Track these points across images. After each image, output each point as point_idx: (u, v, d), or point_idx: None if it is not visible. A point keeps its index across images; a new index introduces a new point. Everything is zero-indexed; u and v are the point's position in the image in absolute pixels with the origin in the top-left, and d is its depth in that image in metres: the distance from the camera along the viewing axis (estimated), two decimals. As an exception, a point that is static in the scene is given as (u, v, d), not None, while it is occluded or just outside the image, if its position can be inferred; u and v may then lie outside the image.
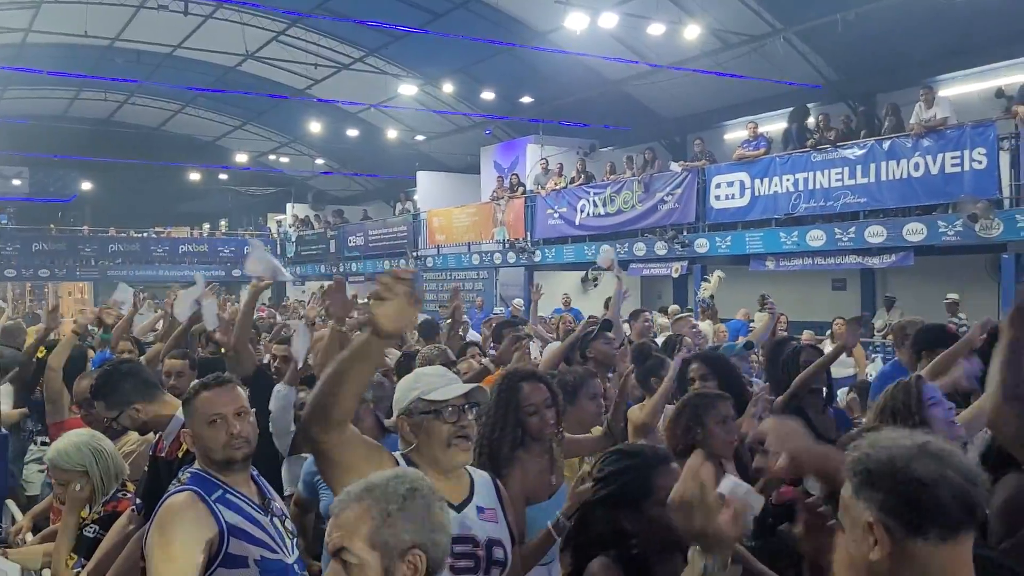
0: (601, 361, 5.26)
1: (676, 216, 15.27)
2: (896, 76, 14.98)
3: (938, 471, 1.47)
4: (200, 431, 2.65)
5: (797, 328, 11.69)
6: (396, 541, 1.65)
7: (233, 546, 2.47)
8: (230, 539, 2.47)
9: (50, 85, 25.58)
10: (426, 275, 22.27)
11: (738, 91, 17.38)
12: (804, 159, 13.34)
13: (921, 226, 11.84)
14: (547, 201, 18.30)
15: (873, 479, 1.50)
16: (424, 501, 1.71)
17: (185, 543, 2.41)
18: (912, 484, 1.47)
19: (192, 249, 30.18)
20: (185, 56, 23.59)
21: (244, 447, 2.62)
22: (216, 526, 2.46)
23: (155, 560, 2.44)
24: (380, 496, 1.69)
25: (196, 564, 2.41)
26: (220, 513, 2.50)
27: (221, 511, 2.50)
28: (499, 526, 2.47)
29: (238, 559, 2.46)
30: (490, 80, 20.77)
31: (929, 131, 11.72)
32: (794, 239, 13.44)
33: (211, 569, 2.44)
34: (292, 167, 32.07)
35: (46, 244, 28.03)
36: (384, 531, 1.65)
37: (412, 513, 1.68)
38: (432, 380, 2.50)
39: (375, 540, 1.65)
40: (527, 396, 3.38)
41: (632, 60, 17.71)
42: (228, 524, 2.49)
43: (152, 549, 2.46)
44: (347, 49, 21.93)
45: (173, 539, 2.42)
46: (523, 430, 3.36)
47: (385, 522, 1.66)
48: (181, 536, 2.42)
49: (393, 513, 1.66)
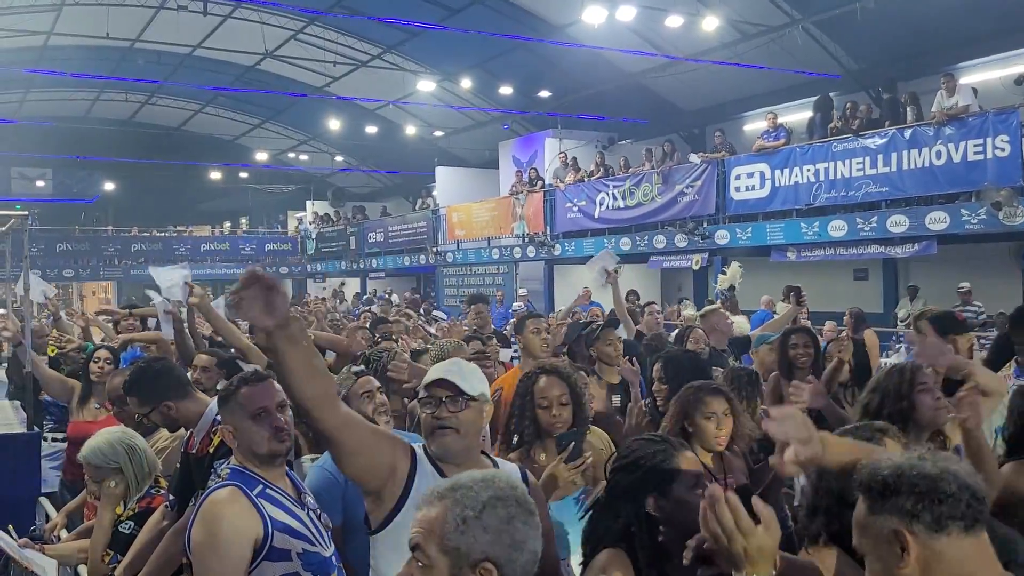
0: (604, 360, 5.25)
1: (696, 208, 15.24)
2: (916, 64, 14.86)
3: (943, 467, 1.58)
4: (243, 426, 2.66)
5: (819, 319, 11.63)
6: (468, 550, 1.58)
7: (277, 540, 2.50)
8: (274, 533, 2.50)
9: (72, 87, 25.85)
10: (446, 270, 22.33)
11: (757, 82, 17.29)
12: (825, 149, 13.27)
13: (944, 215, 11.75)
14: (566, 195, 18.31)
15: (889, 489, 1.58)
16: (506, 512, 1.61)
17: (231, 538, 2.45)
18: (926, 481, 1.56)
19: (214, 248, 30.41)
20: (205, 56, 23.77)
21: (288, 439, 2.67)
22: (260, 521, 2.50)
23: (201, 555, 2.47)
24: (460, 499, 1.62)
25: (244, 558, 2.44)
26: (263, 508, 2.53)
27: (264, 506, 2.54)
28: None
29: (282, 552, 2.49)
30: (508, 75, 20.78)
31: (951, 119, 11.62)
32: (815, 229, 13.37)
33: (255, 563, 2.47)
34: (311, 164, 32.22)
35: (70, 244, 28.33)
36: (457, 537, 1.58)
37: (489, 524, 1.59)
38: (431, 371, 2.54)
39: (447, 545, 1.58)
40: (541, 389, 3.42)
41: (650, 53, 17.65)
42: (271, 519, 2.52)
43: (198, 545, 2.49)
44: (365, 46, 21.99)
45: (219, 534, 2.45)
46: (536, 424, 3.40)
47: (459, 528, 1.59)
48: (227, 531, 2.45)
49: (469, 520, 1.59)
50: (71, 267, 27.84)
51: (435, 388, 2.46)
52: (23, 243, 6.24)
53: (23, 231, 6.27)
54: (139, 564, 3.16)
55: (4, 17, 19.17)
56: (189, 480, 3.12)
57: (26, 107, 27.51)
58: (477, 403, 2.48)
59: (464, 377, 2.48)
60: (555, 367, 3.61)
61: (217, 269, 29.32)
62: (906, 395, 3.14)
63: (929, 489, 1.55)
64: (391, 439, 2.44)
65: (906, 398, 3.13)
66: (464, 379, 2.47)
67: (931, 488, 1.55)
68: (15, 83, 24.49)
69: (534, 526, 1.65)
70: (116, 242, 29.24)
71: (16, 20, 19.43)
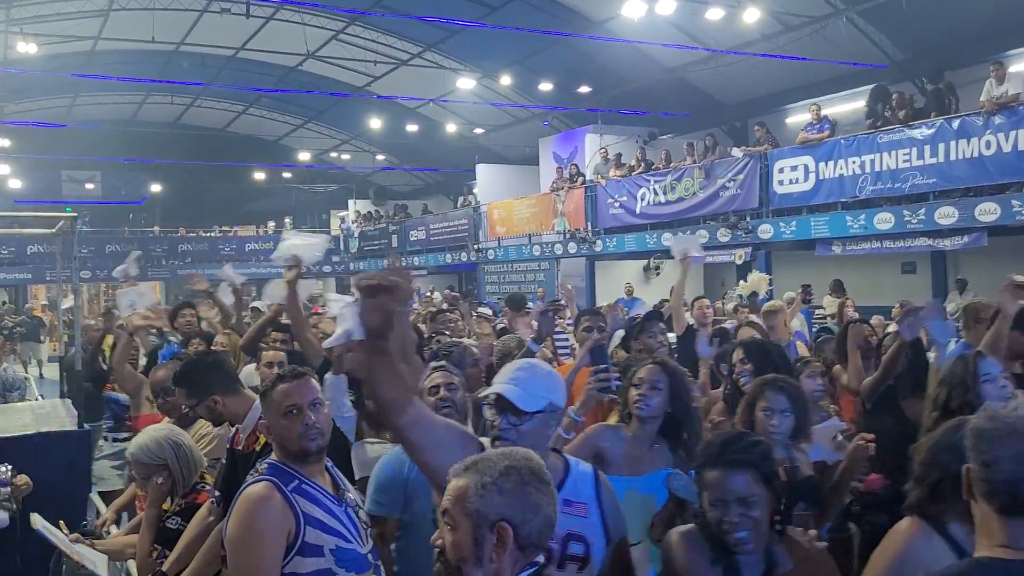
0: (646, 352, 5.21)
1: (739, 202, 15.07)
2: (964, 53, 14.53)
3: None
4: (276, 422, 2.71)
5: (866, 313, 11.43)
6: (486, 511, 1.77)
7: (309, 535, 2.52)
8: (306, 528, 2.53)
9: (120, 91, 26.34)
10: (487, 268, 22.35)
11: (800, 74, 17.05)
12: (870, 140, 13.03)
13: (994, 206, 11.48)
14: (607, 190, 18.22)
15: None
16: (519, 478, 1.80)
17: (264, 532, 2.48)
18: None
19: (258, 247, 30.74)
20: (248, 58, 24.09)
21: (318, 438, 2.68)
22: (293, 516, 2.53)
23: (235, 549, 2.52)
24: (481, 469, 1.82)
25: (275, 553, 2.48)
26: (297, 503, 2.56)
27: (298, 501, 2.56)
28: (587, 521, 2.46)
29: (314, 548, 2.52)
30: (547, 71, 20.73)
31: (1001, 108, 11.35)
32: (861, 222, 13.15)
33: (288, 557, 2.50)
34: (354, 164, 32.46)
35: (119, 245, 28.81)
36: (477, 501, 1.78)
37: (504, 487, 1.78)
38: (499, 375, 2.53)
39: (469, 508, 1.78)
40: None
41: (691, 46, 17.49)
42: (305, 514, 2.55)
43: (232, 539, 2.54)
44: (405, 45, 22.10)
45: (252, 528, 2.49)
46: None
47: (478, 492, 1.78)
48: (260, 525, 2.49)
49: (487, 485, 1.78)
50: (120, 268, 28.32)
51: (498, 397, 2.43)
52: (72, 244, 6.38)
53: (73, 233, 6.40)
54: (186, 559, 3.22)
55: (53, 23, 19.60)
56: (235, 476, 3.15)
57: (75, 111, 28.11)
58: (542, 415, 2.43)
59: (529, 387, 2.42)
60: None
61: (262, 268, 29.65)
62: (972, 385, 3.13)
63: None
64: (462, 437, 2.41)
65: (971, 389, 3.12)
66: (528, 390, 2.41)
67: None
68: (65, 88, 25.05)
69: (548, 494, 1.83)
70: (163, 243, 29.74)
71: (65, 26, 19.85)
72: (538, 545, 1.81)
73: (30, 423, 5.95)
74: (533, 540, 1.79)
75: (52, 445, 5.33)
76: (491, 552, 1.76)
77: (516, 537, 1.76)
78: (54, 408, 6.77)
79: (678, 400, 3.39)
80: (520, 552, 1.78)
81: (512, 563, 1.78)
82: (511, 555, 1.77)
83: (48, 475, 4.92)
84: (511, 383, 2.43)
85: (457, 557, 1.79)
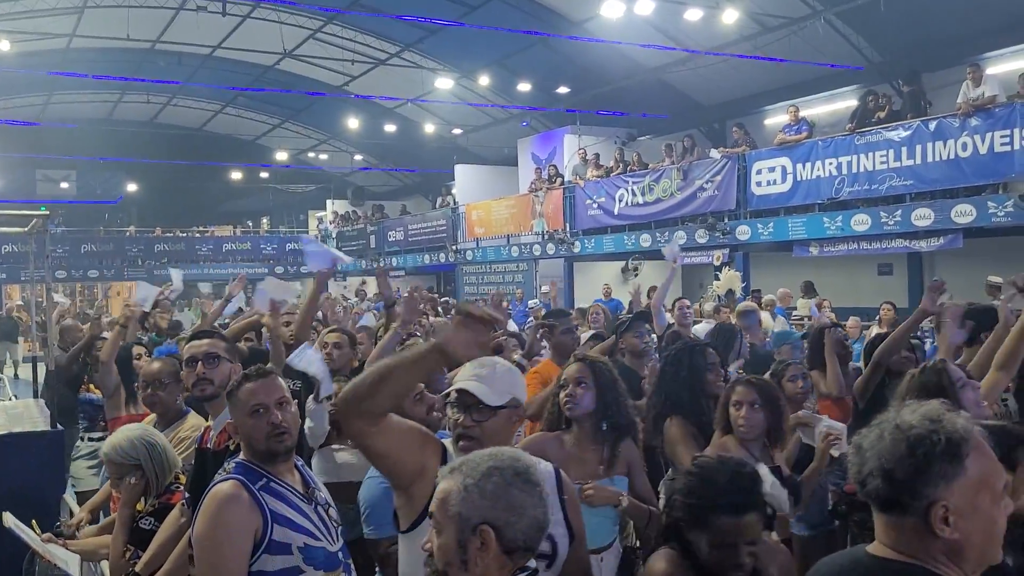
0: (632, 353, 5.22)
1: (716, 203, 15.12)
2: (941, 55, 14.67)
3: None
4: (243, 422, 2.68)
5: (843, 314, 11.53)
6: (468, 514, 1.73)
7: (277, 533, 2.50)
8: (274, 526, 2.50)
9: (95, 88, 26.12)
10: (466, 268, 22.32)
11: (778, 75, 17.15)
12: (847, 142, 13.12)
13: (970, 207, 11.59)
14: (586, 191, 18.24)
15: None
16: (502, 479, 1.75)
17: (230, 530, 2.46)
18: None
19: (236, 247, 30.58)
20: (224, 56, 23.93)
21: (286, 438, 2.64)
22: (260, 514, 2.50)
23: (201, 547, 2.49)
24: (465, 470, 1.77)
25: (242, 551, 2.45)
26: (264, 501, 2.53)
27: (265, 499, 2.54)
28: (553, 519, 2.43)
29: (282, 546, 2.49)
30: (526, 71, 20.73)
31: (977, 110, 11.46)
32: (838, 224, 13.23)
33: (256, 555, 2.47)
34: (331, 164, 32.34)
35: (94, 245, 28.59)
36: (459, 503, 1.73)
37: (486, 489, 1.73)
38: (460, 372, 2.49)
39: (451, 512, 1.74)
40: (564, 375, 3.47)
41: (669, 47, 17.55)
42: (272, 512, 2.52)
43: (198, 537, 2.51)
44: (383, 44, 22.04)
45: (218, 526, 2.46)
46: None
47: (460, 495, 1.74)
48: (226, 523, 2.46)
49: (469, 487, 1.74)
50: (96, 268, 28.11)
51: (462, 394, 2.39)
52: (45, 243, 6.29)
53: (45, 231, 6.31)
54: (158, 561, 3.17)
55: (27, 20, 19.36)
56: (204, 475, 3.11)
57: (50, 110, 27.82)
58: (506, 410, 2.40)
59: (492, 384, 2.38)
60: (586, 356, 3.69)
61: (239, 268, 29.47)
62: (951, 394, 3.09)
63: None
64: (422, 438, 2.39)
65: (952, 396, 3.07)
66: (491, 386, 2.38)
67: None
68: (39, 85, 24.77)
69: (534, 495, 1.77)
70: (140, 242, 29.49)
71: (39, 23, 19.62)
72: (525, 548, 1.76)
73: (2, 423, 5.87)
74: (519, 543, 1.74)
75: (24, 445, 5.26)
76: (475, 556, 1.72)
77: (500, 540, 1.72)
78: (27, 408, 6.68)
79: (607, 394, 3.39)
80: (507, 556, 1.73)
81: (498, 567, 1.73)
82: (496, 559, 1.72)
83: (21, 475, 4.85)
84: (474, 379, 2.39)
85: (444, 561, 1.75)
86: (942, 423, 1.60)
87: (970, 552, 1.59)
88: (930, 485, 1.56)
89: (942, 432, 1.58)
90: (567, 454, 3.30)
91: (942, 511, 1.56)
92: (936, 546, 1.58)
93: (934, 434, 1.58)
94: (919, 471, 1.57)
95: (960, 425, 1.60)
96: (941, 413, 1.62)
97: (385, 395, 2.17)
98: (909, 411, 1.64)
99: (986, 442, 1.62)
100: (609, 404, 3.37)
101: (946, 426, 1.59)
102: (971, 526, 1.57)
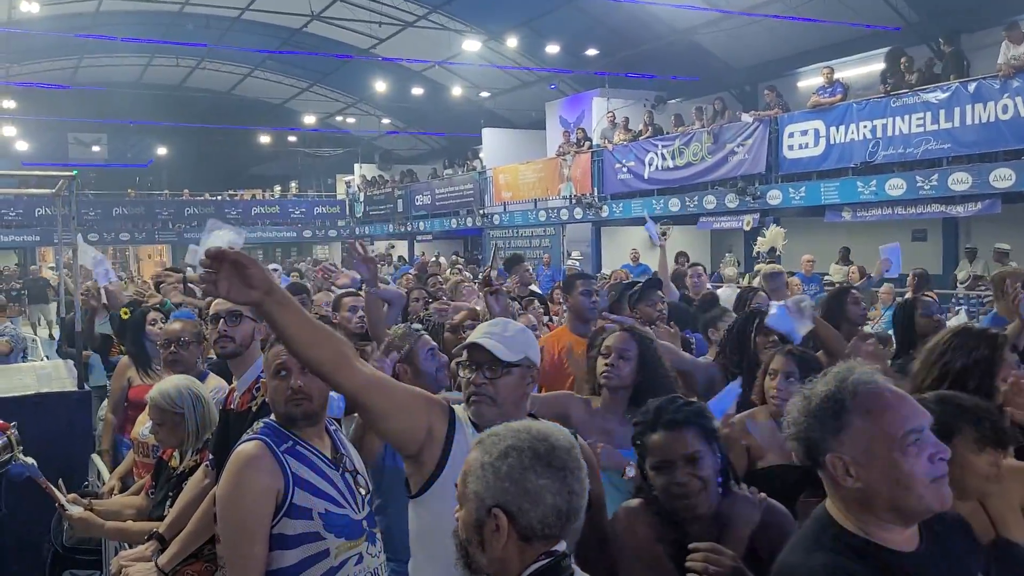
0: (645, 321, 5.15)
1: (747, 167, 14.89)
2: (980, 14, 14.26)
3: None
4: (269, 382, 2.67)
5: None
6: (484, 494, 1.63)
7: (298, 497, 2.47)
8: (295, 490, 2.47)
9: (124, 52, 26.17)
10: (493, 233, 22.25)
11: (812, 36, 16.77)
12: (883, 104, 12.81)
13: (1009, 171, 11.28)
14: (614, 155, 18.04)
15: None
16: (519, 462, 1.63)
17: (252, 490, 2.43)
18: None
19: (264, 211, 30.71)
20: (252, 19, 23.85)
21: (304, 403, 2.59)
22: (283, 476, 2.47)
23: (223, 507, 2.48)
24: (486, 446, 1.68)
25: (263, 512, 2.43)
26: (288, 464, 2.50)
27: (289, 462, 2.50)
28: None
29: (302, 510, 2.46)
30: (554, 33, 20.46)
31: (1018, 71, 11.12)
32: (872, 188, 12.97)
33: (277, 518, 2.45)
34: (359, 128, 32.29)
35: (125, 208, 28.83)
36: (476, 481, 1.65)
37: (502, 472, 1.62)
38: (474, 332, 2.44)
39: (470, 488, 1.65)
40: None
41: (701, 7, 17.21)
42: (295, 475, 2.49)
43: (221, 496, 2.50)
44: (411, 7, 21.85)
45: (240, 486, 2.44)
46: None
47: (478, 473, 1.65)
48: (248, 483, 2.44)
49: (486, 466, 1.64)
50: (127, 231, 28.38)
51: (474, 351, 2.34)
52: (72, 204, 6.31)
53: (71, 192, 6.33)
54: (182, 523, 3.16)
55: (56, -17, 19.42)
56: (227, 437, 3.10)
57: (80, 73, 27.95)
58: (520, 368, 2.34)
59: (506, 341, 2.34)
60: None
61: (268, 232, 29.69)
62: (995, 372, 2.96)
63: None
64: (426, 399, 2.34)
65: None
66: (506, 343, 2.33)
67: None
68: (70, 49, 24.87)
69: (558, 480, 1.64)
70: (170, 206, 29.69)
71: (67, -14, 19.67)
72: (545, 536, 1.62)
73: (31, 384, 5.95)
74: (536, 531, 1.61)
75: (52, 405, 5.33)
76: (490, 538, 1.62)
77: (514, 526, 1.61)
78: (55, 369, 6.77)
79: (648, 369, 3.32)
80: (526, 543, 1.62)
81: (518, 552, 1.62)
82: (513, 544, 1.61)
83: (48, 435, 4.91)
84: (487, 336, 2.35)
85: (464, 537, 1.67)
86: (844, 382, 1.72)
87: (877, 499, 1.67)
88: (824, 441, 1.70)
89: (829, 390, 1.72)
90: (590, 420, 3.25)
91: (839, 462, 1.68)
92: (848, 496, 1.70)
93: (825, 393, 1.73)
94: (810, 428, 1.73)
95: (851, 380, 1.71)
96: (848, 373, 1.74)
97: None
98: (826, 376, 1.77)
99: (894, 394, 1.71)
100: (648, 380, 3.29)
101: (841, 384, 1.72)
102: (871, 475, 1.66)
